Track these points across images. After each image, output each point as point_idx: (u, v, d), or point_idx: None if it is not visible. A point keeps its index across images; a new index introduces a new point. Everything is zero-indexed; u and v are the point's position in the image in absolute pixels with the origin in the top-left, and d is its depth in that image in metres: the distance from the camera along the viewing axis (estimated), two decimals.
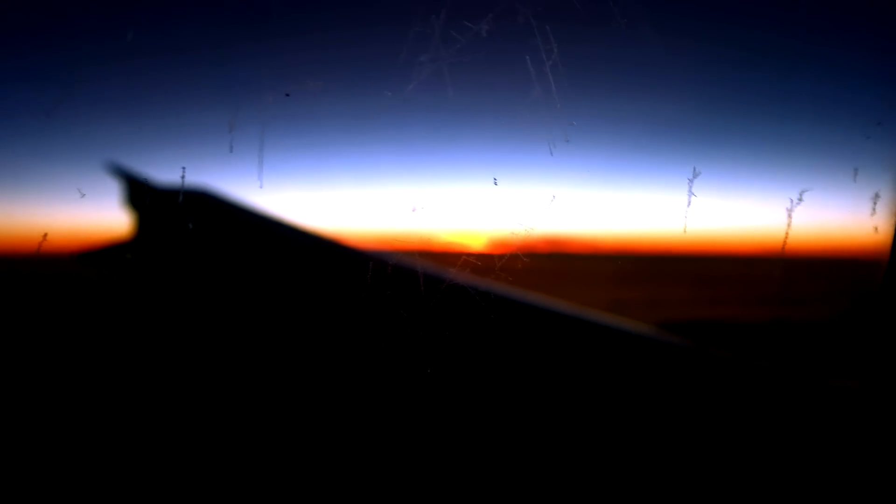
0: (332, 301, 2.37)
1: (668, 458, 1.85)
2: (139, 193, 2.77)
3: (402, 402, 1.97)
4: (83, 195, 1.61)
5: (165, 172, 1.57)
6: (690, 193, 1.46)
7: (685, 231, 1.58)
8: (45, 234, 1.55)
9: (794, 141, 1.84)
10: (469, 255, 1.98)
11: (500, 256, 2.02)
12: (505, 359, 2.11)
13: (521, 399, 2.05)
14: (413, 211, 1.56)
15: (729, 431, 1.93)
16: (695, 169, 1.43)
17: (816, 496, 1.66)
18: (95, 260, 2.44)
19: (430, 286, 2.08)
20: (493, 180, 1.55)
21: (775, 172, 1.84)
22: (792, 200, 1.41)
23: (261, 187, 1.53)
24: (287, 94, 1.50)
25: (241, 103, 1.56)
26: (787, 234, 1.43)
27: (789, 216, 1.42)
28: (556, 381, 2.15)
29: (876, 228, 1.42)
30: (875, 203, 1.41)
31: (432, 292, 1.91)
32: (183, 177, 1.51)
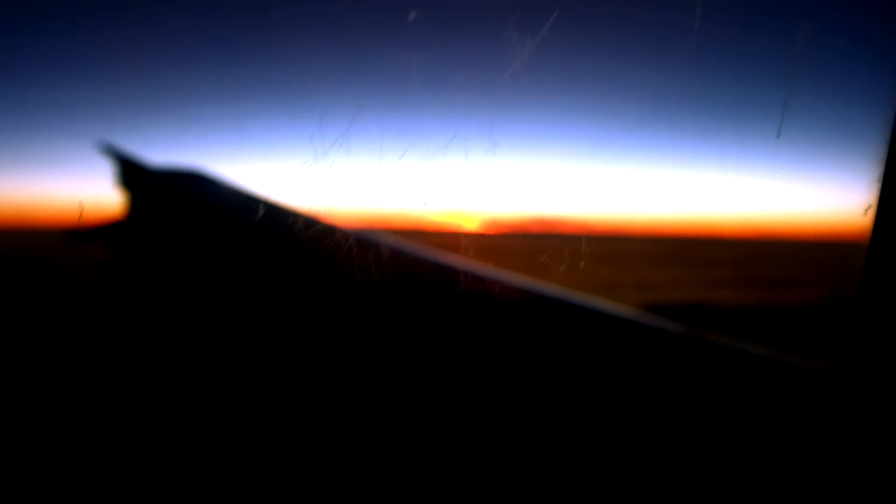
0: (322, 284, 2.34)
1: (656, 442, 1.83)
2: (129, 173, 2.74)
3: (390, 386, 1.95)
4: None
5: (150, 115, 1.54)
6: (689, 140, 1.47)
7: (678, 212, 1.58)
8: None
9: (795, 115, 1.86)
10: (461, 234, 1.97)
11: (492, 236, 2.01)
12: (490, 343, 2.08)
13: (505, 385, 2.02)
14: (408, 149, 1.55)
15: (718, 417, 1.92)
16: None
17: (800, 479, 1.64)
18: (83, 237, 2.42)
19: (419, 268, 2.05)
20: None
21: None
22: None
23: (245, 125, 1.51)
24: (277, 28, 1.49)
25: (228, 40, 1.54)
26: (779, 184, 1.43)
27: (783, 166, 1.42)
28: (544, 365, 2.13)
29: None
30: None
31: (421, 275, 1.89)
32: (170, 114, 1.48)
